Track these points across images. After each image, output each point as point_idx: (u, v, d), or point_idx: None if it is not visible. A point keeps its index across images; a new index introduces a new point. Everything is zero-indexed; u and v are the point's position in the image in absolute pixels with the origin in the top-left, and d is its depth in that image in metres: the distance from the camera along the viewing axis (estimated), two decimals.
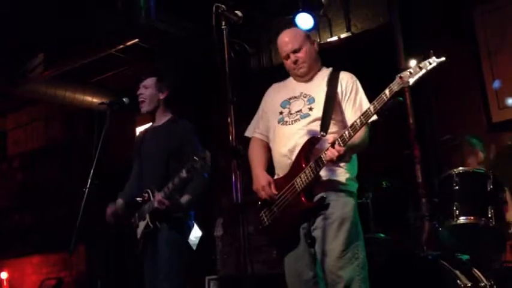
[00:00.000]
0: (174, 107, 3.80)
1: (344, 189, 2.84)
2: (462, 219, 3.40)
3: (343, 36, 5.61)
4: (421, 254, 3.56)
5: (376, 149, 3.08)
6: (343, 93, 2.91)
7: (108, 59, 6.04)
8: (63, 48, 5.90)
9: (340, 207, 2.79)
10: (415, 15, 5.24)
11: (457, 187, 3.48)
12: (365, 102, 2.88)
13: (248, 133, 3.18)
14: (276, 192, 2.85)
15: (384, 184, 4.35)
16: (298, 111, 2.93)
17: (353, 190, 2.89)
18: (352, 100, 2.91)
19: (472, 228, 3.44)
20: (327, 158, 2.66)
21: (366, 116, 2.63)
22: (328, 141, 2.72)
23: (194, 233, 3.61)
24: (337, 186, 2.82)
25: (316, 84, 2.99)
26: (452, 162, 4.15)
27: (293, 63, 3.00)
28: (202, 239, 3.66)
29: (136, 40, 5.63)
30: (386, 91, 2.56)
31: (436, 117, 5.08)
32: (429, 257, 3.43)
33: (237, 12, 2.60)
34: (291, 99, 3.01)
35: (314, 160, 2.74)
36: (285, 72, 3.12)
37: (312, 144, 2.80)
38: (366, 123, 2.69)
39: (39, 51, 6.06)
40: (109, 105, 3.59)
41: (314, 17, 5.28)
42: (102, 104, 3.73)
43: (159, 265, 3.44)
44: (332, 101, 2.88)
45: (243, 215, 2.36)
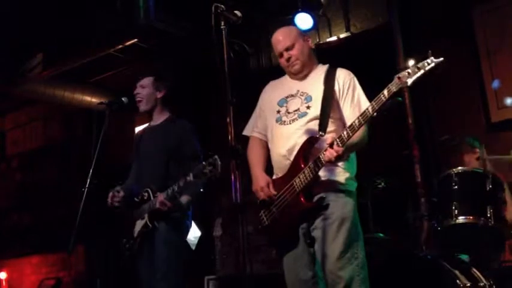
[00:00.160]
0: (172, 106, 3.80)
1: (343, 189, 2.83)
2: (461, 219, 3.40)
3: (342, 36, 5.61)
4: (420, 253, 3.56)
5: (375, 149, 3.08)
6: (340, 90, 2.90)
7: (107, 58, 6.05)
8: (63, 48, 5.89)
9: (339, 208, 2.78)
10: (414, 15, 5.24)
11: (456, 187, 3.49)
12: (363, 99, 2.87)
13: (246, 132, 3.16)
14: (275, 192, 2.84)
15: (383, 184, 4.35)
16: (296, 110, 2.92)
17: (352, 189, 2.88)
18: (350, 97, 2.89)
19: (471, 228, 3.44)
20: (326, 158, 2.65)
21: (364, 116, 2.61)
22: (326, 141, 2.71)
23: (193, 233, 3.60)
24: (337, 186, 2.82)
25: (313, 81, 2.98)
26: (451, 162, 4.14)
27: (286, 61, 2.99)
28: (201, 239, 3.66)
29: (136, 40, 5.63)
30: (385, 92, 2.55)
31: (435, 117, 5.09)
32: (428, 256, 3.43)
33: (236, 12, 2.60)
34: (288, 97, 2.99)
35: (313, 160, 2.73)
36: (284, 73, 3.12)
37: (310, 144, 2.80)
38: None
39: (38, 51, 6.06)
40: (108, 105, 3.59)
41: (313, 17, 5.29)
42: (101, 103, 3.73)
43: (156, 265, 3.43)
44: (329, 99, 2.86)
45: (242, 215, 2.35)
